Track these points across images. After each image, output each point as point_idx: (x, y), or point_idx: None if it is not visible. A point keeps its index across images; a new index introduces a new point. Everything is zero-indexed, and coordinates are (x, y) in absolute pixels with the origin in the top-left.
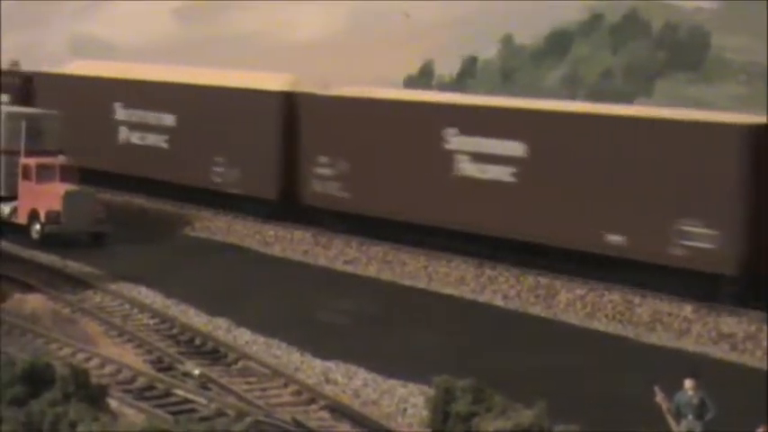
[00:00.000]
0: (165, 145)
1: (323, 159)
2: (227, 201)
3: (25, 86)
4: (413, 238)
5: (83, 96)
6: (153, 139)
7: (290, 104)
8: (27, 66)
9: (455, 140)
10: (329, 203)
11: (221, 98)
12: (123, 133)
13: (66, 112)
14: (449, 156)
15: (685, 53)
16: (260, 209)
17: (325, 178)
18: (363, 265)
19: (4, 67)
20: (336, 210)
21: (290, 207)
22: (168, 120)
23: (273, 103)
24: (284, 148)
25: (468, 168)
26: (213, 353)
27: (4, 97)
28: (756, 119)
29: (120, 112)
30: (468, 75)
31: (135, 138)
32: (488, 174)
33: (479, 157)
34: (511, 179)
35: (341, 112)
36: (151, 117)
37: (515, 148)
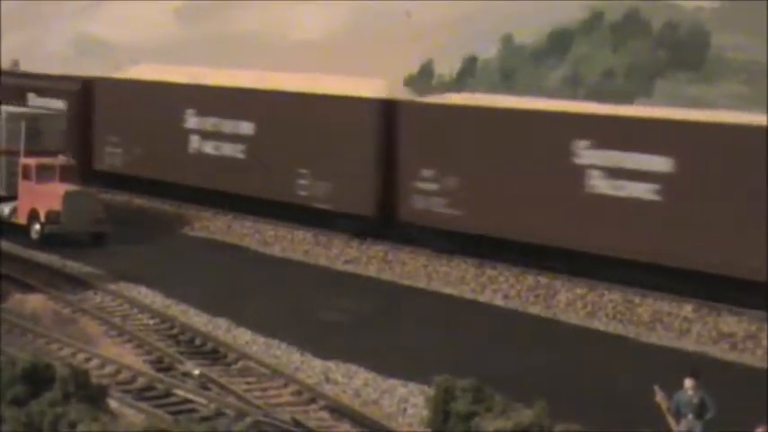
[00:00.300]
0: (241, 155)
1: (427, 173)
2: (313, 216)
3: (84, 92)
4: (530, 260)
5: (149, 103)
6: (228, 149)
7: (388, 113)
8: (26, 66)
9: (586, 154)
10: (433, 221)
11: (309, 105)
12: (195, 142)
13: (131, 119)
14: (578, 171)
15: (686, 52)
16: (352, 225)
17: (429, 194)
18: (363, 265)
19: (4, 66)
20: (442, 228)
21: (387, 224)
22: (246, 128)
23: (370, 111)
24: (382, 160)
25: (601, 185)
26: (213, 353)
27: (60, 104)
28: None
29: (192, 120)
30: (468, 74)
31: (208, 147)
32: (626, 191)
33: (615, 173)
34: (654, 197)
35: (449, 121)
36: (227, 125)
37: (660, 163)
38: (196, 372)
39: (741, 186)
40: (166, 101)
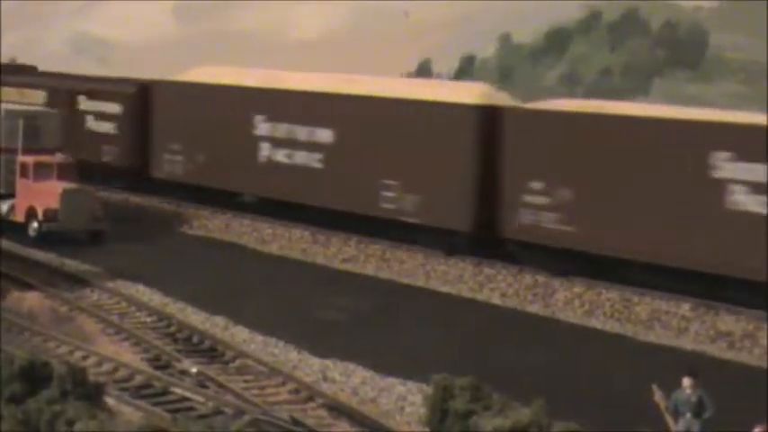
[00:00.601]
0: (318, 165)
1: (536, 185)
2: (399, 230)
3: (141, 96)
4: (658, 283)
5: (214, 108)
6: (303, 158)
7: (490, 119)
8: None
9: (727, 167)
10: (542, 238)
11: (398, 111)
12: (265, 150)
13: (193, 125)
14: (717, 186)
15: (684, 51)
16: (447, 242)
17: (538, 208)
18: (361, 263)
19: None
20: (553, 246)
21: (486, 240)
22: (324, 135)
23: (469, 119)
24: (482, 171)
25: (745, 201)
26: (211, 351)
27: (116, 108)
28: None
29: (262, 127)
30: (465, 73)
31: (280, 156)
32: None
33: (760, 188)
34: None
35: (562, 130)
36: (302, 132)
37: None
38: (194, 370)
39: None
40: (233, 106)
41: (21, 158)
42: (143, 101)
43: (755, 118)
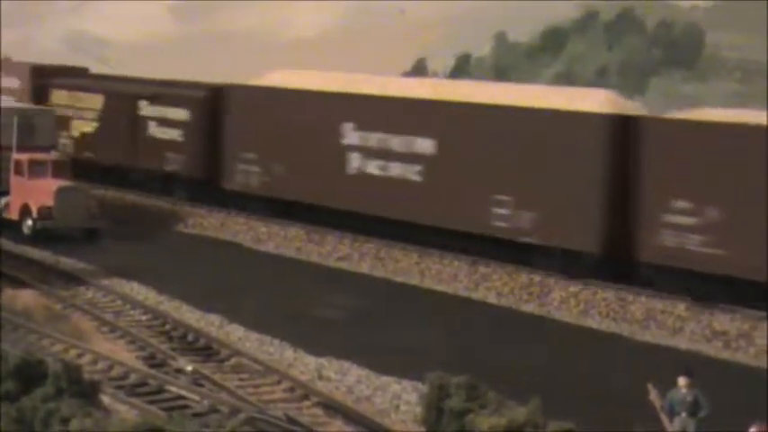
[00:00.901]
0: (417, 177)
1: (681, 204)
2: (511, 251)
3: (211, 101)
4: None
5: (295, 115)
6: (399, 170)
7: (623, 131)
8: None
9: None
10: (689, 262)
11: (512, 120)
12: (355, 161)
13: (271, 133)
14: None
15: (680, 51)
16: (568, 264)
17: (683, 229)
18: (356, 262)
19: None
20: (700, 271)
21: (618, 263)
22: (424, 146)
23: (600, 129)
24: (613, 187)
25: None
26: (206, 349)
27: (183, 113)
28: None
29: (352, 136)
30: (461, 72)
31: (372, 167)
32: None
33: None
34: None
35: (713, 143)
36: (397, 142)
37: None
38: (189, 368)
39: None
40: (318, 113)
41: (15, 156)
42: (214, 106)
43: None
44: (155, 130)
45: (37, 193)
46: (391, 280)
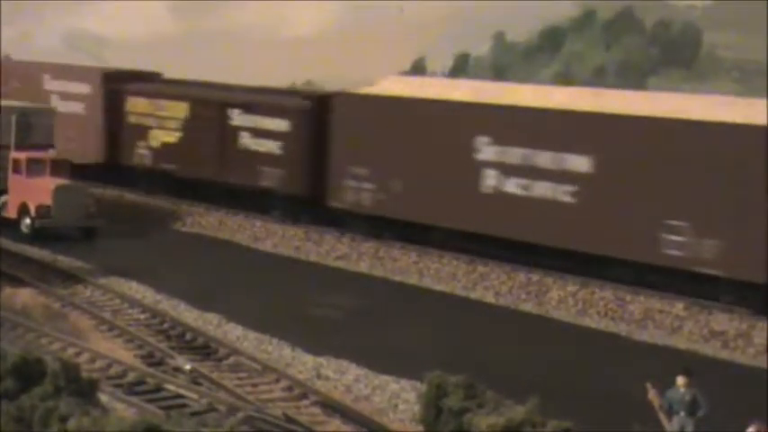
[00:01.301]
0: (568, 198)
1: None
2: (684, 282)
3: (317, 111)
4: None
5: (416, 127)
6: (547, 190)
7: None
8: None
9: None
10: None
11: (689, 135)
12: (491, 179)
13: (387, 147)
14: None
15: (678, 50)
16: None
17: None
18: (355, 261)
19: None
20: None
21: None
22: (578, 163)
23: None
24: None
25: None
26: (204, 348)
27: (282, 124)
28: None
29: (487, 150)
30: (460, 71)
31: (512, 186)
32: None
33: None
34: None
35: None
36: (545, 158)
37: None
38: (187, 367)
39: None
40: (444, 124)
41: (13, 154)
42: (319, 116)
43: None
44: (248, 142)
45: (35, 191)
46: (390, 279)
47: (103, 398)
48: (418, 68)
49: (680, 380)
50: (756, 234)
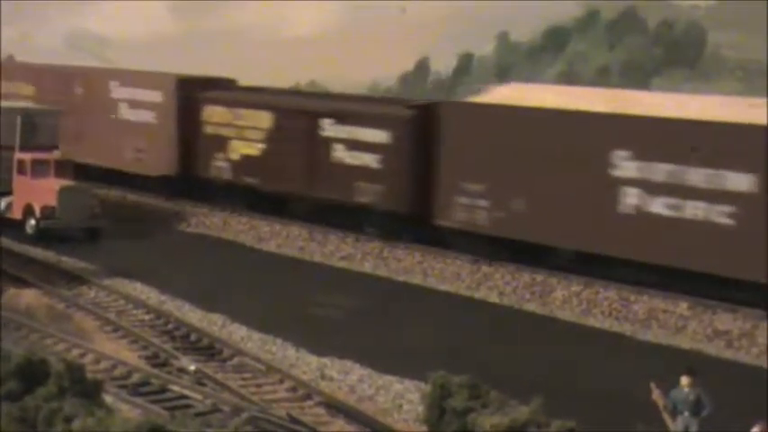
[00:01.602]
0: (728, 221)
1: None
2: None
3: (420, 121)
4: None
5: (539, 139)
6: (700, 211)
7: None
8: (22, 60)
9: None
10: None
11: None
12: (631, 198)
13: (505, 161)
14: None
15: (682, 50)
16: None
17: None
18: (359, 261)
19: None
20: None
21: None
22: (738, 181)
23: None
24: None
25: None
26: (208, 349)
27: (382, 135)
28: None
29: (627, 166)
30: (464, 71)
31: (658, 206)
32: None
33: None
34: None
35: None
36: (697, 175)
37: None
38: (192, 367)
39: None
40: (573, 137)
41: (18, 155)
42: (424, 127)
43: None
44: (342, 155)
45: (40, 192)
46: (394, 279)
47: (108, 398)
48: (422, 68)
49: (684, 380)
50: None
